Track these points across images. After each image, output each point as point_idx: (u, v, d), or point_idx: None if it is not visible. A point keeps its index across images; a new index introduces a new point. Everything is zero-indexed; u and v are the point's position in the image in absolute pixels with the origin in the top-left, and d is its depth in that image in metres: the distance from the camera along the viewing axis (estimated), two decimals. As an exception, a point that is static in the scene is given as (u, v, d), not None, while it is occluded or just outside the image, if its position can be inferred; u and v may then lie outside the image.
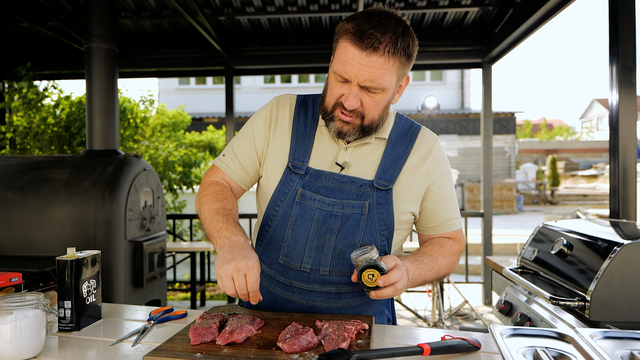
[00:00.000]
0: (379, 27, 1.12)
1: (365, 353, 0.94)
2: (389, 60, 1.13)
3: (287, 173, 1.29)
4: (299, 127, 1.32)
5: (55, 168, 3.34)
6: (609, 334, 1.04)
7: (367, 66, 1.13)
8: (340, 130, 1.23)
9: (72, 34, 4.91)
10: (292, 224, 1.27)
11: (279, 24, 5.11)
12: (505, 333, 1.04)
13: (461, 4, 4.62)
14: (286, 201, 1.28)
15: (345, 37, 1.15)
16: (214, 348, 1.00)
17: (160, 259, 3.66)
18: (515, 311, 2.20)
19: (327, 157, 1.30)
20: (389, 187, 1.28)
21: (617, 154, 2.79)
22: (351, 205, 1.26)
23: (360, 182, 1.27)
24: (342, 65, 1.15)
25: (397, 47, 1.14)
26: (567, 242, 2.04)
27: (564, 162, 23.32)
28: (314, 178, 1.28)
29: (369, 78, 1.14)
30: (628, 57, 2.77)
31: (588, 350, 0.95)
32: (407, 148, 1.32)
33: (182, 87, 18.19)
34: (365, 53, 1.12)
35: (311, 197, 1.27)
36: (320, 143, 1.31)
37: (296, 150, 1.30)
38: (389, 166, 1.29)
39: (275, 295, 1.32)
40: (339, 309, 1.30)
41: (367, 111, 1.20)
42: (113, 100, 3.62)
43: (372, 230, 1.26)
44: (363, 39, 1.11)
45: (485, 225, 5.33)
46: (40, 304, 1.09)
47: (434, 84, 18.18)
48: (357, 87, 1.16)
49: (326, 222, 1.25)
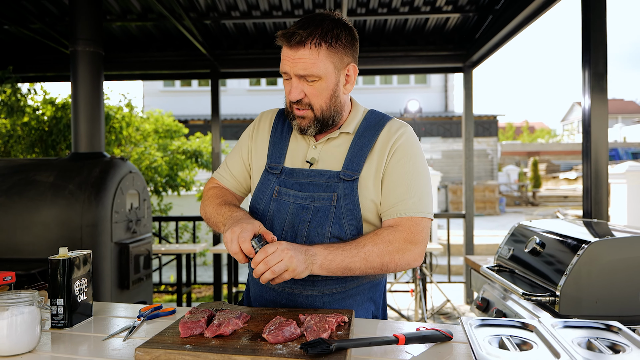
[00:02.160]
0: (303, 26, 1.28)
1: (344, 342, 1.01)
2: (314, 50, 1.28)
3: (265, 174, 1.44)
4: (276, 134, 1.48)
5: (41, 171, 3.34)
6: (568, 323, 1.13)
7: (297, 59, 1.29)
8: (300, 126, 1.37)
9: (57, 36, 4.90)
10: (270, 218, 1.39)
11: (264, 28, 5.18)
12: (474, 324, 1.12)
13: (442, 11, 4.74)
14: (265, 199, 1.41)
15: (279, 41, 1.33)
16: (202, 340, 1.06)
17: (146, 261, 3.68)
18: (492, 307, 2.29)
19: (299, 156, 1.43)
20: (355, 177, 1.34)
21: (589, 157, 2.90)
22: (321, 197, 1.35)
23: (327, 174, 1.36)
24: (282, 64, 1.33)
25: (323, 38, 1.28)
26: (539, 241, 2.14)
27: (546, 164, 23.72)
28: (289, 176, 1.40)
29: (301, 68, 1.29)
30: (599, 64, 2.89)
31: (548, 338, 1.04)
32: (372, 137, 1.38)
33: (167, 89, 18.09)
34: (293, 49, 1.29)
35: (286, 192, 1.39)
36: (295, 145, 1.45)
37: (273, 154, 1.45)
38: (354, 156, 1.36)
39: (260, 286, 1.44)
40: (313, 296, 1.36)
41: (313, 100, 1.33)
42: (99, 103, 3.63)
43: (341, 220, 1.32)
44: (289, 38, 1.29)
45: (467, 226, 5.45)
46: (35, 301, 1.14)
47: (418, 87, 18.39)
48: (296, 78, 1.31)
49: (299, 215, 1.35)
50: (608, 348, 1.02)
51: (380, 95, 17.87)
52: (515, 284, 2.05)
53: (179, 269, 5.15)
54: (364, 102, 1.54)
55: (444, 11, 4.75)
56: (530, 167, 19.72)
